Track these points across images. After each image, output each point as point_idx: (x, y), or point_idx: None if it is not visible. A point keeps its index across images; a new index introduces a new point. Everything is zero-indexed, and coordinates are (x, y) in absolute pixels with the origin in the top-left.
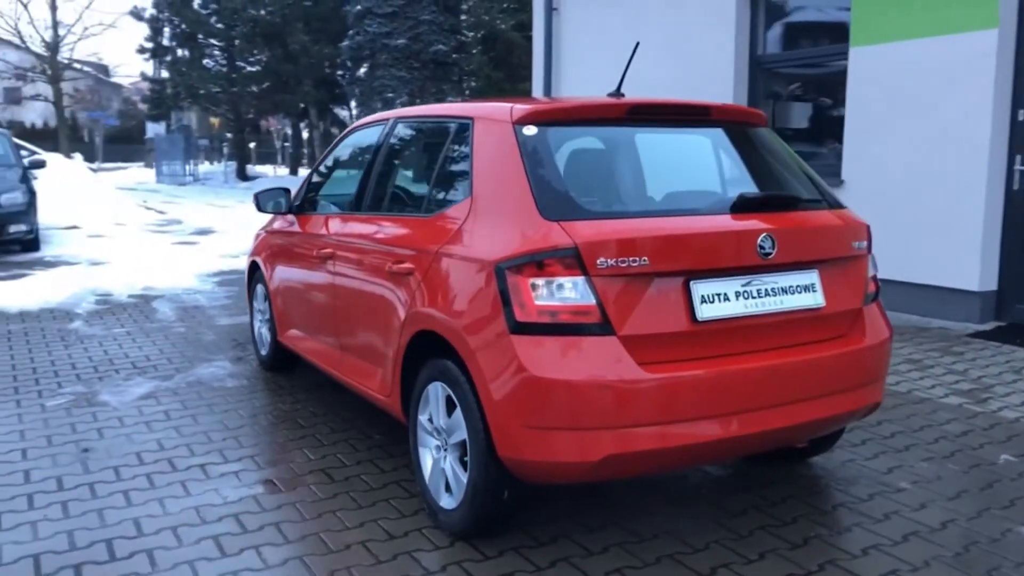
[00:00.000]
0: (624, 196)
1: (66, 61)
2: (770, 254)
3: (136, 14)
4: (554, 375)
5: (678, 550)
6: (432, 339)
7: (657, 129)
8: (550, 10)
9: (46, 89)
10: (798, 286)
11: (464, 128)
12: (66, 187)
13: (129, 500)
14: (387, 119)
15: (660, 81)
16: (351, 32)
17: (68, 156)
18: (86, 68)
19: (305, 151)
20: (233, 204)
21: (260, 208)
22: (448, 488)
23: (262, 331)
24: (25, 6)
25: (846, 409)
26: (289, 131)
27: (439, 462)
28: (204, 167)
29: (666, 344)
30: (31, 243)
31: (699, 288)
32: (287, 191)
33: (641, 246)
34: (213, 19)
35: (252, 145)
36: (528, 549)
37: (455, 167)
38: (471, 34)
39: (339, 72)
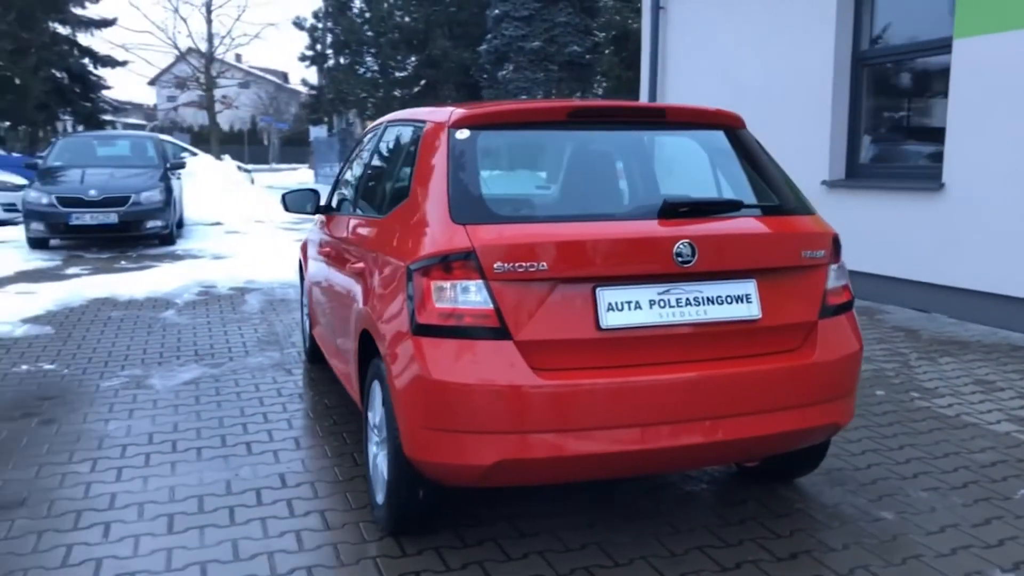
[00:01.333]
0: (542, 201)
1: (215, 72)
2: (689, 262)
3: (298, 24)
4: (448, 377)
5: (598, 562)
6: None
7: (603, 132)
8: (656, 8)
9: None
10: (729, 296)
11: (419, 131)
12: (215, 186)
13: (120, 476)
14: (382, 123)
15: (758, 78)
16: (489, 36)
17: (218, 158)
18: (268, 76)
19: None
20: None
21: (287, 208)
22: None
23: (305, 325)
24: (184, 20)
25: (791, 428)
26: None
27: (376, 458)
28: None
29: (569, 351)
30: (167, 237)
31: (606, 295)
32: (316, 192)
33: (538, 251)
34: (365, 27)
35: None
36: (449, 549)
37: (406, 169)
38: (602, 34)
39: (482, 75)
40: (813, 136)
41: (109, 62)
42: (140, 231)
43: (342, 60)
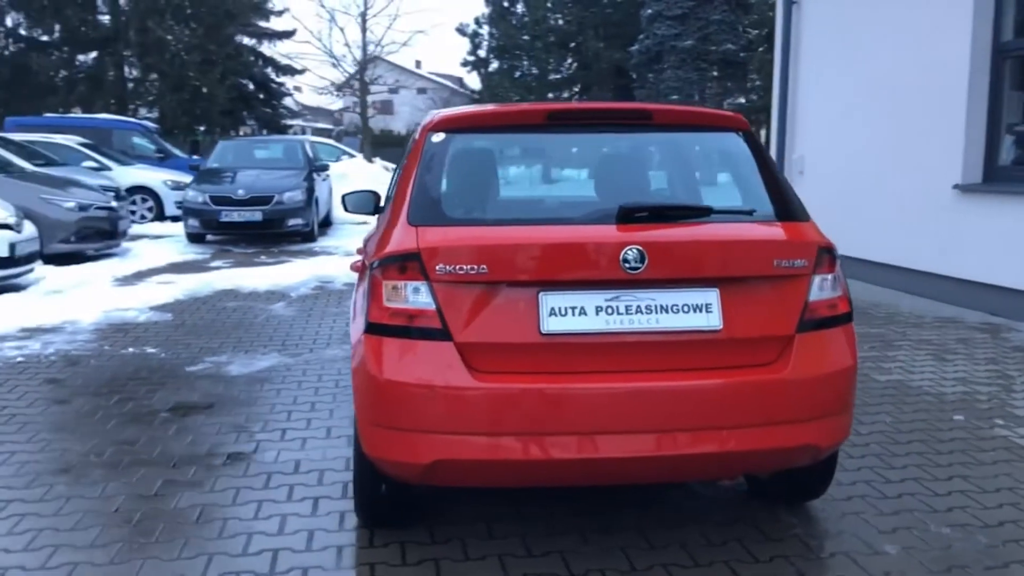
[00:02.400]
0: (497, 204)
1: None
2: (637, 268)
3: (460, 30)
4: (391, 376)
5: (553, 571)
6: None
7: (583, 135)
8: (789, 3)
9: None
10: (686, 305)
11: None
12: (364, 187)
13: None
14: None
15: (888, 73)
16: (641, 36)
17: (369, 160)
18: (442, 80)
19: None
20: None
21: (347, 209)
22: None
23: None
24: (342, 29)
25: (756, 447)
26: None
27: None
28: None
29: (510, 355)
30: (308, 234)
31: (549, 300)
32: (376, 194)
33: (478, 254)
34: (522, 32)
35: None
36: (415, 544)
37: (398, 172)
38: (754, 32)
39: (634, 76)
40: (945, 136)
41: (289, 70)
42: (282, 228)
43: (501, 65)
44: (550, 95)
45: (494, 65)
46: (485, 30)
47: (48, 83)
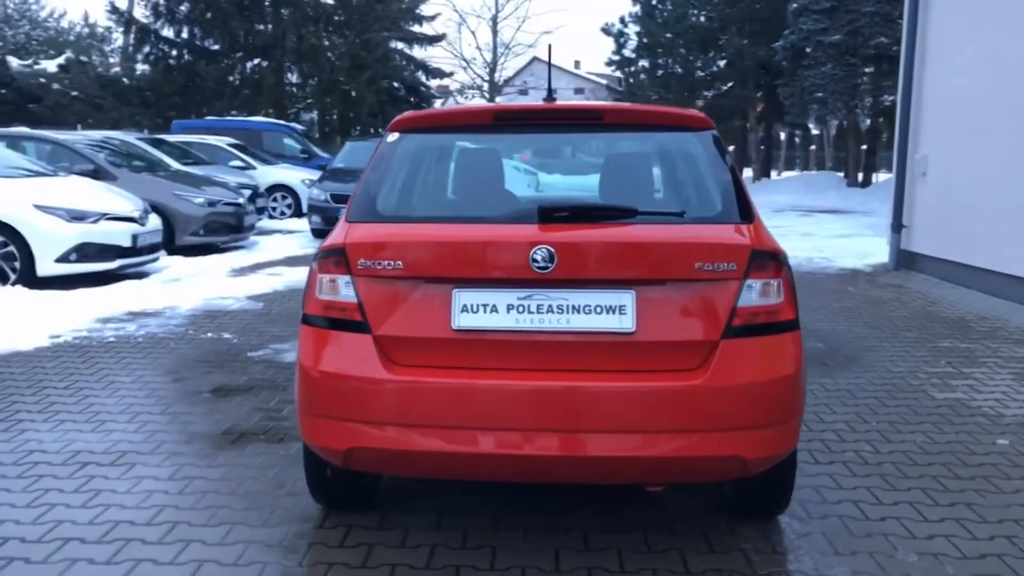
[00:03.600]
0: (427, 202)
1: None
2: (547, 268)
3: (605, 30)
4: (315, 365)
5: (473, 563)
6: None
7: (534, 135)
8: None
9: (566, 97)
10: (599, 306)
11: None
12: None
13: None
14: None
15: (1019, 72)
16: (786, 31)
17: None
18: (599, 80)
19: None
20: None
21: None
22: None
23: None
24: (473, 32)
25: (669, 454)
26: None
27: None
28: None
29: (424, 349)
30: None
31: (462, 297)
32: None
33: (394, 250)
34: (665, 30)
35: None
36: (361, 529)
37: None
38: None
39: (778, 73)
40: None
41: (438, 73)
42: None
43: (645, 64)
44: (691, 93)
45: (640, 64)
46: (631, 29)
47: (215, 89)
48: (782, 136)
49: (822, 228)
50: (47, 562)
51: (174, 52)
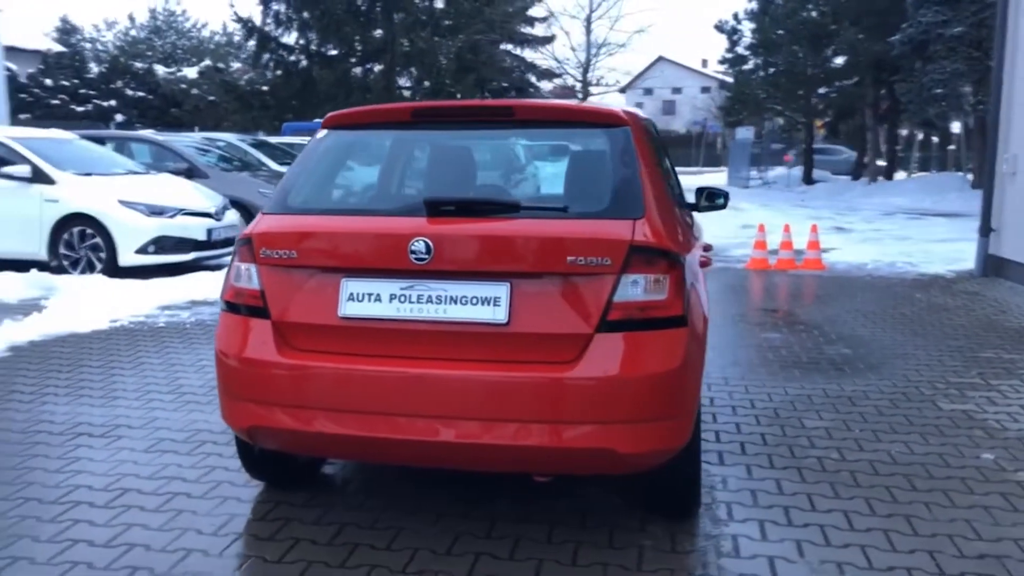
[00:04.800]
0: (333, 195)
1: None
2: (424, 260)
3: (719, 27)
4: (223, 348)
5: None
6: None
7: (448, 131)
8: None
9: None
10: (475, 298)
11: None
12: None
13: None
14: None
15: None
16: (904, 24)
17: None
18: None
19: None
20: (752, 208)
21: None
22: None
23: None
24: (567, 33)
25: (539, 444)
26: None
27: None
28: (777, 171)
29: (315, 335)
30: None
31: (350, 285)
32: None
33: (289, 240)
34: (776, 27)
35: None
36: (287, 506)
37: None
38: None
39: (895, 69)
40: None
41: (547, 75)
42: None
43: (757, 61)
44: (802, 91)
45: (752, 62)
46: (745, 26)
47: (329, 92)
48: (918, 136)
49: (924, 232)
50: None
51: (292, 58)
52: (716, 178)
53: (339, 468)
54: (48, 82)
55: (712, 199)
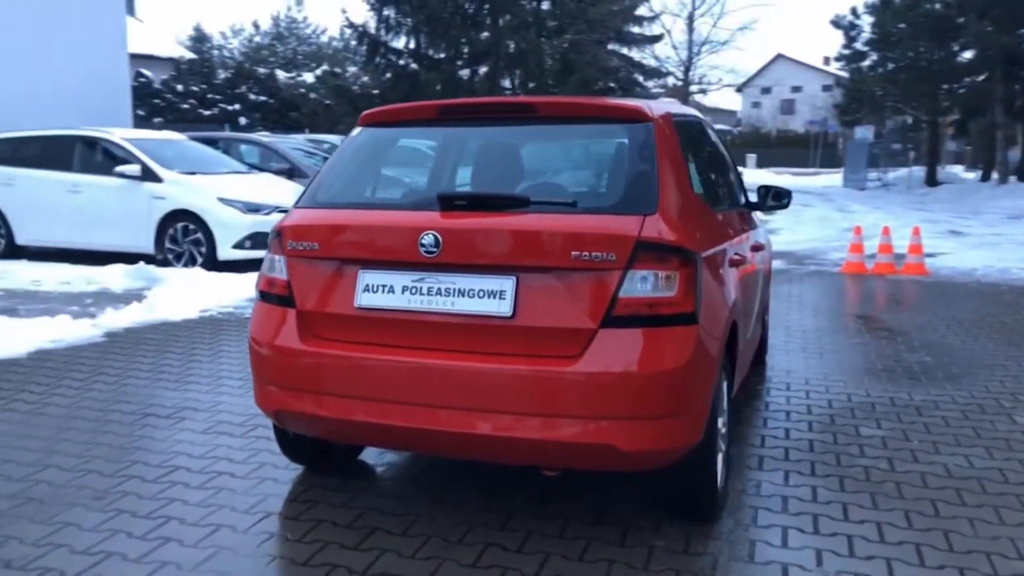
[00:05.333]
0: (357, 190)
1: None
2: (433, 253)
3: (835, 22)
4: (255, 335)
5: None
6: None
7: (474, 128)
8: None
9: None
10: (482, 291)
11: None
12: None
13: None
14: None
15: None
16: None
17: None
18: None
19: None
20: (863, 211)
21: None
22: None
23: None
24: (668, 31)
25: (541, 437)
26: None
27: None
28: (898, 173)
29: (334, 324)
30: None
31: (366, 277)
32: None
33: (312, 233)
34: (897, 21)
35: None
36: (319, 489)
37: None
38: None
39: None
40: None
41: (655, 74)
42: None
43: (875, 57)
44: (925, 88)
45: (871, 59)
46: (864, 21)
47: (434, 95)
48: None
49: None
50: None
51: (400, 61)
52: (830, 180)
53: (377, 456)
54: (179, 87)
55: (778, 198)
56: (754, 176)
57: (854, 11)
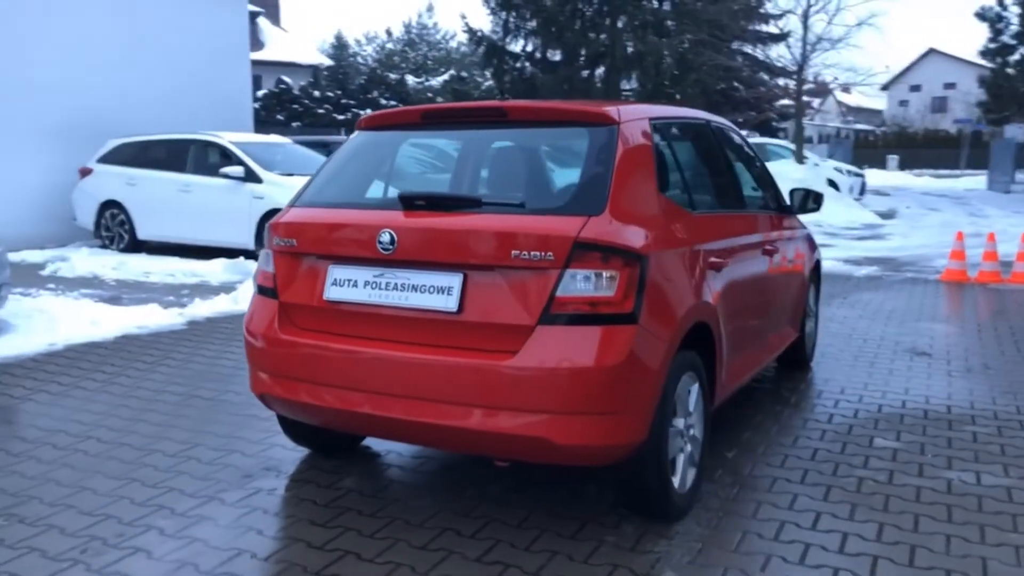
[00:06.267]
0: (338, 190)
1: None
2: (389, 250)
3: (980, 15)
4: (246, 324)
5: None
6: None
7: (453, 131)
8: None
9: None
10: (432, 287)
11: None
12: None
13: None
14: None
15: None
16: None
17: (799, 161)
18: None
19: None
20: (997, 216)
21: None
22: None
23: None
24: (781, 29)
25: (478, 428)
26: None
27: None
28: None
29: (309, 315)
30: None
31: (334, 272)
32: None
33: (290, 230)
34: None
35: None
36: (313, 471)
37: None
38: None
39: None
40: None
41: (782, 73)
42: None
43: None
44: None
45: (1020, 52)
46: (1012, 12)
47: (550, 97)
48: None
49: None
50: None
51: (518, 65)
52: (974, 182)
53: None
54: (316, 93)
55: (807, 201)
56: (885, 178)
57: (1001, 2)
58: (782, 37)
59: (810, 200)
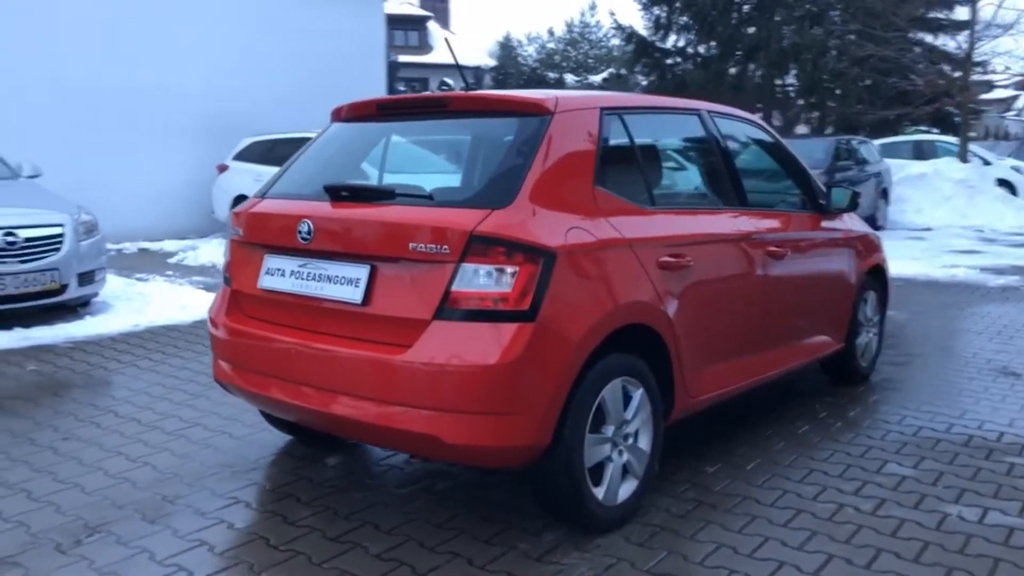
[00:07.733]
0: (288, 182)
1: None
2: (307, 240)
3: None
4: (209, 310)
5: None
6: None
7: (399, 122)
8: None
9: None
10: (343, 278)
11: None
12: (942, 190)
13: None
14: None
15: None
16: None
17: (964, 160)
18: None
19: None
20: None
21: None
22: None
23: None
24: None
25: (373, 422)
26: None
27: None
28: None
29: (248, 303)
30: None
31: (268, 261)
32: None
33: (239, 221)
34: None
35: None
36: (300, 461)
37: None
38: None
39: None
40: None
41: (963, 65)
42: None
43: None
44: None
45: None
46: None
47: (699, 94)
48: None
49: None
50: None
51: (668, 61)
52: None
53: None
54: None
55: (844, 199)
56: None
57: None
58: (966, 24)
59: (847, 199)
